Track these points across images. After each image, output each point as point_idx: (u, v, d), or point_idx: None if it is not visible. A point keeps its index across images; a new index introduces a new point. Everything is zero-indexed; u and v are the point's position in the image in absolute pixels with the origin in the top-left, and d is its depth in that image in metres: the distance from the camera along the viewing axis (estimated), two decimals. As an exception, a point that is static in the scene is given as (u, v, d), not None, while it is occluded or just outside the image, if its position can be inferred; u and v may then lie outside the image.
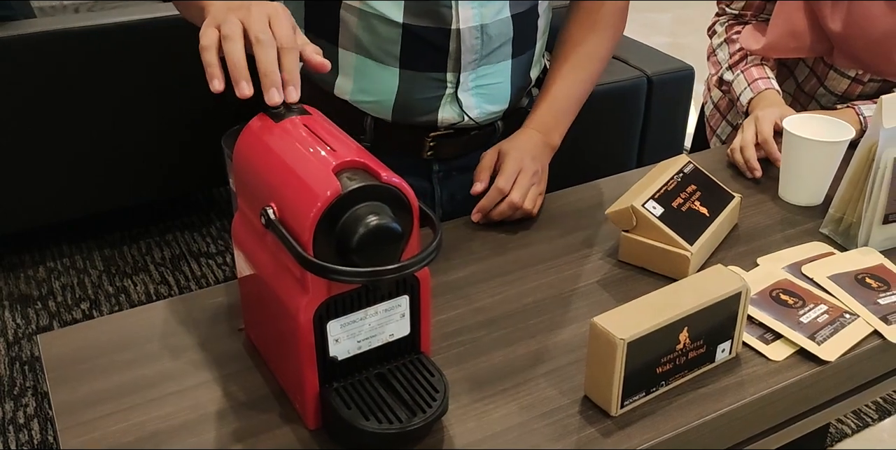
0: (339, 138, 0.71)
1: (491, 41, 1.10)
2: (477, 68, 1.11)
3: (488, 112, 1.15)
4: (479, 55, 1.10)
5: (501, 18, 1.09)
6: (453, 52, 1.08)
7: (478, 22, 1.07)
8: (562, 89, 1.18)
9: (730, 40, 1.38)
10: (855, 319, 0.88)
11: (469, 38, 1.07)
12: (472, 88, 1.12)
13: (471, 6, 1.05)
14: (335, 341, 0.72)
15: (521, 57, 1.16)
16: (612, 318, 0.75)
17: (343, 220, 0.66)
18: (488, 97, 1.14)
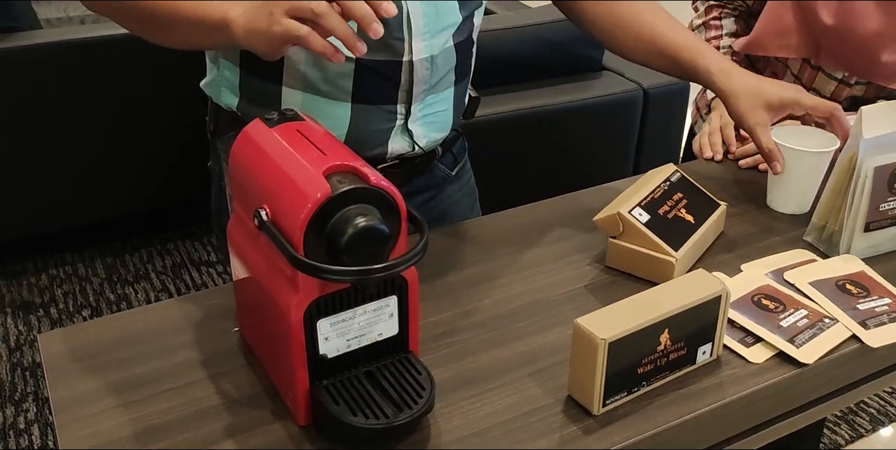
0: (330, 143, 0.74)
1: (438, 71, 1.11)
2: (425, 98, 1.12)
3: (434, 140, 1.16)
4: (428, 85, 1.11)
5: (447, 48, 1.10)
6: (405, 83, 1.08)
7: (428, 53, 1.08)
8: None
9: (707, 25, 1.41)
10: (834, 323, 0.90)
11: (420, 70, 1.08)
12: (420, 118, 1.12)
13: (422, 38, 1.06)
14: (325, 339, 0.74)
15: (462, 83, 1.17)
16: (594, 319, 0.77)
17: (333, 221, 0.68)
18: (435, 125, 1.15)
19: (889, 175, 0.99)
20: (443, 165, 1.25)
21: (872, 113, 0.95)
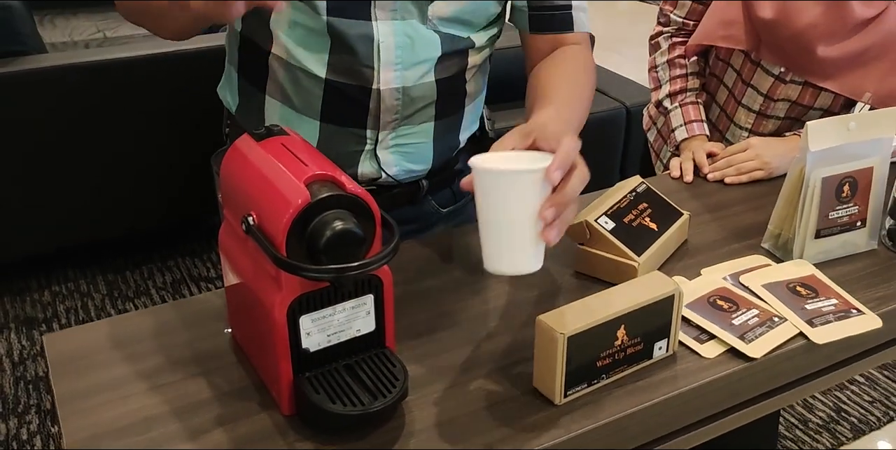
0: (312, 155, 0.81)
1: (413, 103, 1.13)
2: (397, 128, 1.14)
3: (408, 170, 1.19)
4: (399, 115, 1.13)
5: (425, 82, 1.12)
6: (373, 110, 1.11)
7: (399, 84, 1.10)
8: (563, 97, 1.05)
9: (672, 63, 1.49)
10: (783, 322, 0.97)
11: (389, 99, 1.11)
12: (391, 147, 1.16)
13: (393, 69, 1.09)
14: (307, 334, 0.81)
15: (446, 119, 1.19)
16: (555, 316, 0.84)
17: (312, 225, 0.75)
18: (409, 156, 1.18)
19: (836, 185, 1.07)
20: (434, 201, 1.28)
21: (817, 128, 1.03)
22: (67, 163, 2.45)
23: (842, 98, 1.39)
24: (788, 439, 2.12)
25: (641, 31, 1.61)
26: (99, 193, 2.55)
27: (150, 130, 2.53)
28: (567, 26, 1.15)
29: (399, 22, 1.08)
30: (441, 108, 1.17)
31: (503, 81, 1.13)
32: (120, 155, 2.52)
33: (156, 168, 2.59)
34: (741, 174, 1.33)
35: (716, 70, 1.52)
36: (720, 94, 1.52)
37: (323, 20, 1.06)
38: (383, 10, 1.07)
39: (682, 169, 1.36)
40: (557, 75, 1.10)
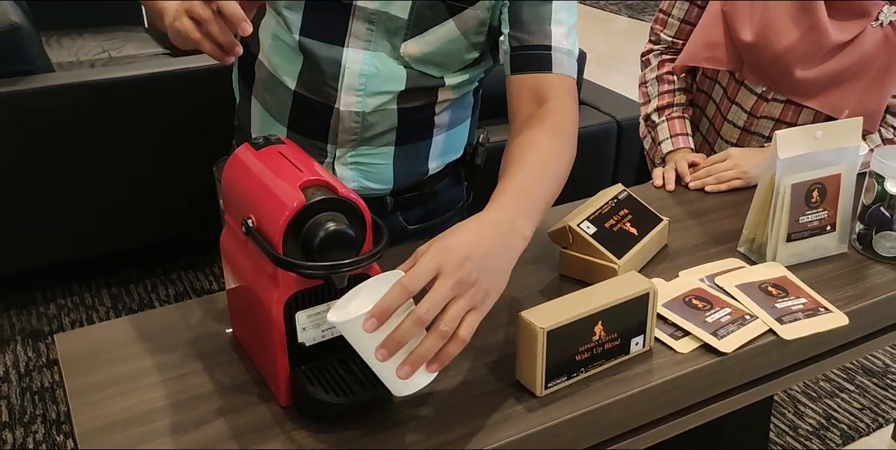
0: (306, 162, 0.87)
1: (371, 127, 1.18)
2: (357, 147, 1.19)
3: (367, 188, 1.23)
4: (357, 137, 1.18)
5: (386, 109, 1.17)
6: (333, 127, 1.17)
7: (359, 109, 1.16)
8: (523, 174, 0.98)
9: (660, 79, 1.55)
10: (754, 319, 1.02)
11: (347, 121, 1.16)
12: (349, 163, 1.21)
13: (355, 94, 1.15)
14: (303, 329, 0.87)
15: (409, 146, 1.23)
16: (536, 312, 0.90)
17: (307, 226, 0.81)
18: (367, 175, 1.23)
19: (805, 191, 1.12)
20: (402, 217, 1.33)
21: (786, 137, 1.09)
22: (74, 178, 2.51)
23: (823, 115, 1.44)
24: (779, 446, 2.16)
25: (638, 48, 1.67)
26: (105, 208, 2.61)
27: (154, 147, 2.59)
28: (545, 66, 1.12)
29: (370, 52, 1.14)
30: (402, 136, 1.22)
31: (501, 97, 1.16)
32: (125, 171, 2.58)
33: (160, 183, 2.65)
34: (721, 183, 1.39)
35: (704, 86, 1.59)
36: (709, 108, 1.58)
37: (295, 38, 1.14)
38: (357, 39, 1.13)
39: (664, 178, 1.42)
40: (517, 175, 0.99)
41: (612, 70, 4.79)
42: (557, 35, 1.12)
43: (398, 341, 0.77)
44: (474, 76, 1.24)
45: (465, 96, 1.28)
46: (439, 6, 1.12)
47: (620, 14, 6.28)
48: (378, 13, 1.12)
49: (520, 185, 0.95)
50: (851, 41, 1.35)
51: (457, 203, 1.40)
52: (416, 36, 1.14)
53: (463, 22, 1.14)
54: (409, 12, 1.12)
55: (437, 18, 1.13)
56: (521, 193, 0.94)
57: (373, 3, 1.11)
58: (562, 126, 1.07)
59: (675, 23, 1.56)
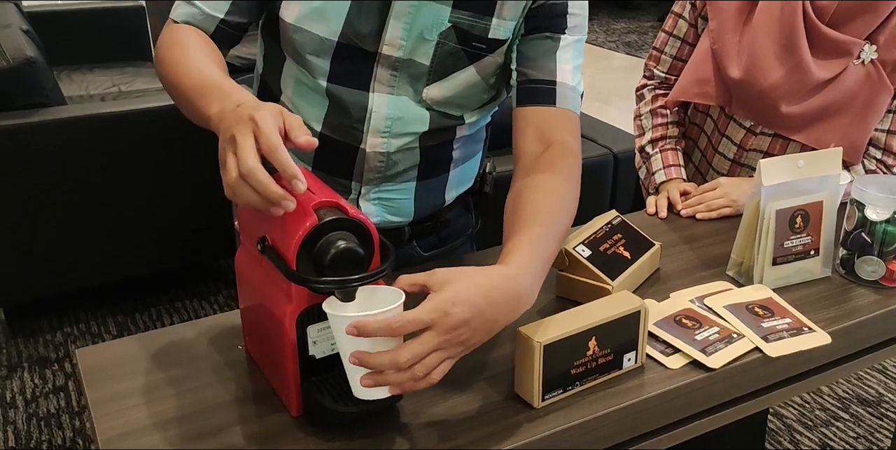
0: (319, 185, 0.93)
1: (395, 165, 1.23)
2: (380, 184, 1.24)
3: (389, 221, 1.29)
4: (382, 175, 1.23)
5: (409, 148, 1.22)
6: (358, 166, 1.22)
7: (384, 149, 1.21)
8: (535, 231, 1.00)
9: (654, 112, 1.62)
10: (741, 338, 1.08)
11: (373, 160, 1.21)
12: (373, 199, 1.26)
13: (381, 136, 1.20)
14: (313, 342, 0.92)
15: (429, 181, 1.28)
16: (533, 327, 0.95)
17: (319, 244, 0.87)
18: (390, 209, 1.28)
19: (789, 217, 1.18)
20: (418, 245, 1.39)
21: (770, 165, 1.15)
22: (82, 208, 2.57)
23: (809, 148, 1.51)
24: (774, 472, 2.19)
25: (635, 83, 1.75)
26: (111, 237, 2.66)
27: (161, 178, 2.65)
28: (550, 100, 1.16)
29: (394, 97, 1.20)
30: (424, 172, 1.28)
31: (509, 127, 1.21)
32: (132, 201, 2.64)
33: (166, 213, 2.71)
34: (711, 211, 1.45)
35: (695, 120, 1.66)
36: (701, 141, 1.65)
37: (322, 85, 1.19)
38: (381, 84, 1.19)
39: (657, 206, 1.48)
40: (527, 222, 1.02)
41: (610, 105, 4.89)
42: (563, 71, 1.18)
43: (370, 364, 0.83)
44: (489, 112, 1.31)
45: (478, 132, 1.34)
46: (460, 53, 1.18)
47: (618, 51, 6.41)
48: (402, 60, 1.17)
49: (534, 242, 0.98)
50: (834, 78, 1.42)
51: (467, 230, 1.46)
52: (438, 81, 1.19)
53: (483, 67, 1.20)
54: (431, 59, 1.17)
55: (459, 65, 1.19)
56: (534, 252, 0.97)
57: (397, 51, 1.17)
58: (566, 176, 1.10)
59: (668, 59, 1.63)
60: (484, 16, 1.16)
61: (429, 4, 1.14)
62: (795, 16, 1.38)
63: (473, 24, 1.16)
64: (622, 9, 7.84)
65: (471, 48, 1.17)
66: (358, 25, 1.15)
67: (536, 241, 0.98)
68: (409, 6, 1.14)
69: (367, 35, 1.16)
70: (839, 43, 1.39)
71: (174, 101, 1.09)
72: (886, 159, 1.50)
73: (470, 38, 1.16)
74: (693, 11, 1.56)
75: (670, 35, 1.61)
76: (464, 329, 0.85)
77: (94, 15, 4.07)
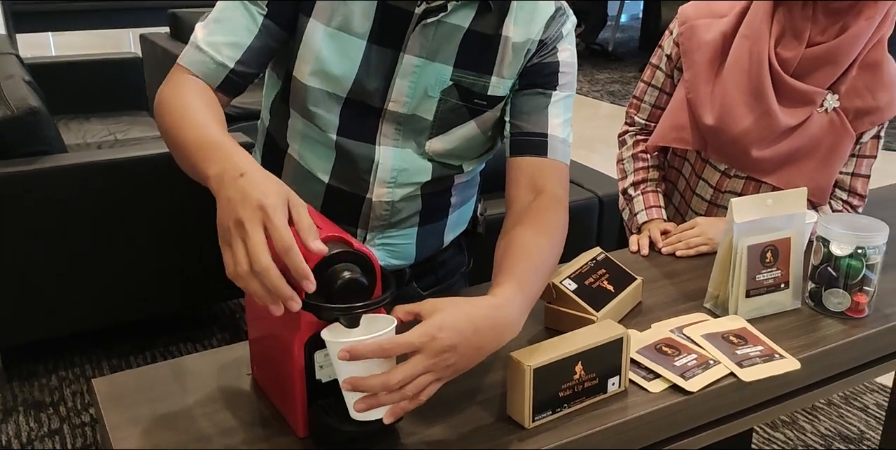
0: (325, 221, 1.02)
1: (399, 213, 1.30)
2: (384, 231, 1.31)
3: (392, 265, 1.36)
4: (386, 222, 1.31)
5: (412, 196, 1.29)
6: (364, 214, 1.29)
7: (389, 198, 1.28)
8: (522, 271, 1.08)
9: (636, 157, 1.72)
10: (717, 364, 1.15)
11: (378, 209, 1.29)
12: (377, 245, 1.33)
13: (386, 186, 1.27)
14: (320, 367, 0.99)
15: (429, 226, 1.35)
16: (524, 352, 1.03)
17: (326, 274, 0.94)
18: (393, 254, 1.35)
19: (760, 252, 1.27)
20: (417, 285, 1.46)
21: (741, 204, 1.24)
22: (79, 253, 2.62)
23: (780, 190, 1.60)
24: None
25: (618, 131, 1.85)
26: (107, 282, 2.71)
27: (156, 224, 2.71)
28: (541, 151, 1.25)
29: (398, 149, 1.28)
30: (425, 218, 1.36)
31: (501, 172, 1.29)
32: (129, 246, 2.69)
33: (161, 259, 2.76)
34: (689, 248, 1.53)
35: (674, 164, 1.76)
36: (679, 183, 1.75)
37: (332, 138, 1.27)
38: (387, 137, 1.27)
39: (639, 244, 1.57)
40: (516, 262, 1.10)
41: (595, 152, 5.02)
42: (554, 125, 1.27)
43: (363, 386, 0.90)
44: (486, 160, 1.40)
45: (473, 178, 1.43)
46: (462, 109, 1.26)
47: (603, 100, 6.59)
48: (406, 116, 1.26)
49: (522, 278, 1.06)
50: (800, 125, 1.53)
51: (461, 268, 1.54)
52: (440, 135, 1.28)
53: (483, 122, 1.29)
54: (434, 115, 1.26)
55: (460, 120, 1.28)
56: (520, 285, 1.05)
57: (402, 107, 1.26)
58: (555, 224, 1.19)
59: (647, 107, 1.73)
60: (484, 74, 1.25)
61: (432, 64, 1.23)
62: (762, 67, 1.49)
63: (474, 83, 1.25)
64: (606, 60, 8.06)
65: (472, 104, 1.26)
66: (366, 83, 1.24)
67: (523, 277, 1.06)
68: (414, 66, 1.23)
69: (375, 92, 1.24)
70: (803, 92, 1.50)
71: (170, 149, 1.10)
72: (852, 200, 1.60)
73: (471, 95, 1.26)
74: (669, 63, 1.66)
75: (649, 85, 1.72)
76: (450, 354, 0.93)
77: (92, 66, 4.19)
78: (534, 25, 1.26)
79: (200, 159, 0.99)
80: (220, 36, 1.19)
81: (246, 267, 0.86)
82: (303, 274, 0.86)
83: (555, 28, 1.27)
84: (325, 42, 1.22)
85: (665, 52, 1.66)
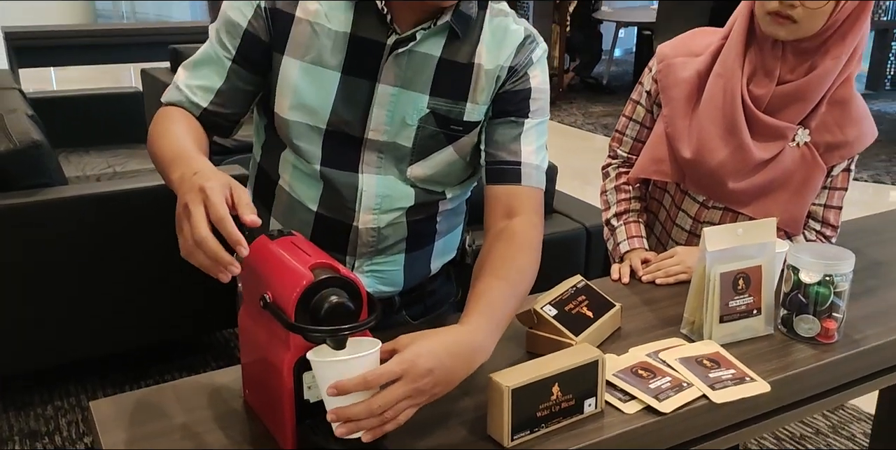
0: (313, 249, 1.07)
1: (386, 239, 1.35)
2: (373, 257, 1.36)
3: (381, 291, 1.40)
4: (373, 248, 1.35)
5: (398, 223, 1.34)
6: (352, 241, 1.34)
7: (375, 225, 1.33)
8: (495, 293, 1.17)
9: (618, 189, 1.78)
10: (690, 387, 1.20)
11: (365, 236, 1.34)
12: (366, 272, 1.38)
13: (371, 213, 1.33)
14: (308, 387, 1.04)
15: (416, 252, 1.40)
16: (503, 374, 1.08)
17: (315, 299, 1.00)
18: (382, 280, 1.39)
19: (732, 279, 1.33)
20: (406, 313, 1.50)
21: (713, 233, 1.30)
22: (75, 284, 2.66)
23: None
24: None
25: (613, 163, 1.91)
26: (103, 313, 2.74)
27: (153, 255, 2.73)
28: (515, 179, 1.31)
29: (381, 176, 1.34)
30: (411, 244, 1.41)
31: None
32: (125, 277, 2.72)
33: (157, 290, 2.79)
34: (669, 277, 1.59)
35: (655, 195, 1.82)
36: (660, 214, 1.81)
37: (317, 169, 1.33)
38: (369, 165, 1.33)
39: (620, 273, 1.62)
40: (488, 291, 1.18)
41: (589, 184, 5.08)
42: (527, 153, 1.33)
43: (347, 416, 0.97)
44: (469, 187, 1.45)
45: (458, 206, 1.48)
46: (440, 135, 1.33)
47: (596, 133, 6.67)
48: (387, 144, 1.32)
49: (493, 304, 1.15)
50: (773, 159, 1.59)
51: (450, 298, 1.58)
52: (420, 161, 1.34)
53: (460, 147, 1.35)
54: (413, 141, 1.32)
55: (438, 145, 1.34)
56: (493, 313, 1.14)
57: (382, 136, 1.32)
58: (528, 244, 1.26)
59: (629, 141, 1.80)
60: (459, 101, 1.32)
61: (408, 92, 1.29)
62: (735, 104, 1.56)
63: (450, 109, 1.31)
64: (599, 94, 8.17)
65: (449, 130, 1.33)
66: (344, 114, 1.30)
67: (493, 302, 1.15)
68: (390, 94, 1.29)
69: (354, 122, 1.31)
70: (775, 128, 1.56)
71: (156, 169, 1.21)
72: (825, 231, 1.66)
73: (448, 121, 1.32)
74: (648, 99, 1.73)
75: (630, 119, 1.79)
76: (429, 378, 1.00)
77: (92, 100, 4.27)
78: (503, 52, 1.32)
79: (168, 168, 1.12)
80: (195, 79, 1.30)
81: (191, 241, 0.96)
82: (235, 240, 0.96)
83: (524, 55, 1.33)
84: (301, 76, 1.28)
85: (645, 88, 1.73)
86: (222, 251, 0.96)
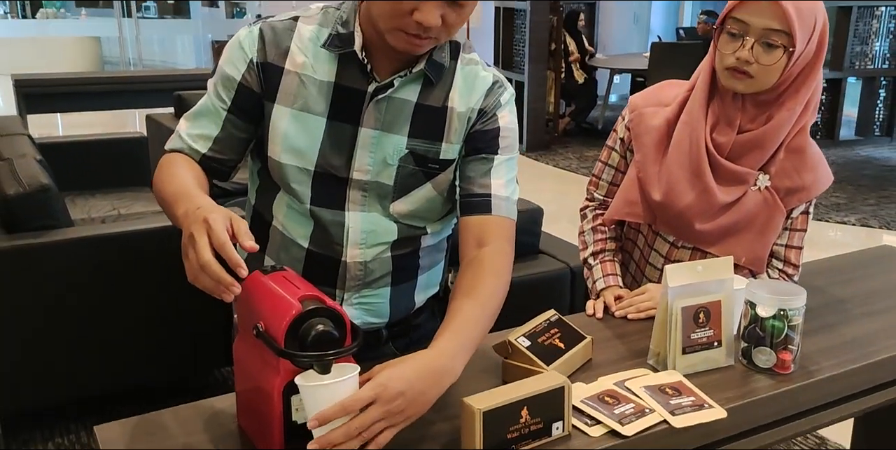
0: (303, 282, 1.18)
1: (372, 273, 1.44)
2: (360, 290, 1.45)
3: (369, 322, 1.49)
4: (361, 282, 1.44)
5: (383, 257, 1.44)
6: (341, 275, 1.43)
7: (361, 259, 1.43)
8: (464, 316, 1.28)
9: (595, 229, 1.89)
10: (652, 412, 1.29)
11: (353, 270, 1.43)
12: (354, 304, 1.47)
13: (358, 247, 1.43)
14: (296, 410, 1.13)
15: (401, 285, 1.49)
16: (475, 398, 1.17)
17: (302, 327, 1.10)
18: (370, 312, 1.49)
19: (693, 313, 1.43)
20: (393, 346, 1.60)
21: (674, 270, 1.40)
22: (81, 322, 2.74)
23: None
24: None
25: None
26: (103, 353, 2.81)
27: (154, 297, 2.82)
28: (486, 209, 1.41)
29: (365, 213, 1.45)
30: (396, 277, 1.51)
31: None
32: (129, 315, 2.81)
33: (157, 330, 2.87)
34: (640, 312, 1.69)
35: (630, 235, 1.93)
36: (635, 253, 1.91)
37: (307, 207, 1.45)
38: (354, 203, 1.44)
39: (594, 309, 1.72)
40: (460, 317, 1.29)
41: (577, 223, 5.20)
42: (496, 185, 1.43)
43: (329, 441, 1.07)
44: (449, 224, 1.56)
45: (440, 242, 1.59)
46: (419, 173, 1.44)
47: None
48: (370, 183, 1.43)
49: (460, 327, 1.26)
50: (736, 202, 1.70)
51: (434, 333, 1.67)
52: (402, 197, 1.45)
53: (438, 184, 1.46)
54: (394, 180, 1.43)
55: (418, 182, 1.45)
56: (460, 336, 1.25)
57: (366, 175, 1.43)
58: (495, 270, 1.37)
59: (605, 184, 1.91)
60: (435, 142, 1.44)
61: (388, 135, 1.41)
62: (700, 151, 1.67)
63: (428, 149, 1.43)
64: (594, 138, 8.35)
65: (427, 168, 1.44)
66: (330, 156, 1.42)
67: (460, 327, 1.26)
68: (371, 137, 1.41)
69: (339, 163, 1.42)
70: (736, 173, 1.68)
71: (162, 209, 1.33)
72: (787, 269, 1.76)
73: (426, 160, 1.44)
74: (622, 145, 1.85)
75: (605, 164, 1.90)
76: (401, 400, 1.10)
77: (98, 145, 4.40)
78: (474, 96, 1.45)
79: (173, 205, 1.24)
80: (195, 128, 1.43)
81: (196, 266, 1.08)
82: (236, 262, 1.09)
83: (493, 98, 1.46)
84: (290, 122, 1.41)
85: (619, 135, 1.85)
86: (224, 273, 1.08)
